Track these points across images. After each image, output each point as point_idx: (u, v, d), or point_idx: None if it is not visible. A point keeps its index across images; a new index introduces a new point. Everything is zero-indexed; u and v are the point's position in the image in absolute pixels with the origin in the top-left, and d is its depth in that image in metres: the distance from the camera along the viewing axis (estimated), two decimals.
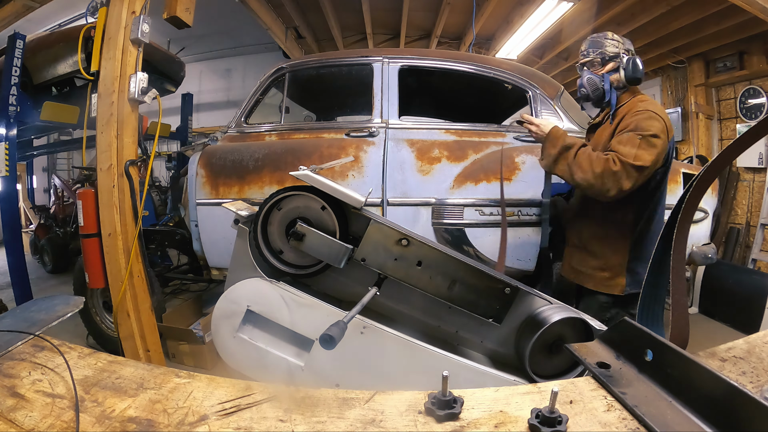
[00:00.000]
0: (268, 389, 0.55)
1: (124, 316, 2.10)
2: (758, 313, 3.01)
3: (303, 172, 1.00)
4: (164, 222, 3.44)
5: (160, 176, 6.34)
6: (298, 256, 1.08)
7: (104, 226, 2.09)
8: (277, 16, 5.09)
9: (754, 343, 0.58)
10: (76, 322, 2.69)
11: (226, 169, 2.39)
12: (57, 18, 5.35)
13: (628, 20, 4.15)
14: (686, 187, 0.70)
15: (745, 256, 4.40)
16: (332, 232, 1.04)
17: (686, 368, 0.49)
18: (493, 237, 2.20)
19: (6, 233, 3.09)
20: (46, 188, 7.86)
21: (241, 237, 1.04)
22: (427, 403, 0.50)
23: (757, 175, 4.41)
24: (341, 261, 1.01)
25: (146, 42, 2.10)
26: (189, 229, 2.58)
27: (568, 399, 0.51)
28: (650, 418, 0.45)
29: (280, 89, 2.64)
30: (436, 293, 1.04)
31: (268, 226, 1.08)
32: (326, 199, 1.05)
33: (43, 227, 5.59)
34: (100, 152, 2.08)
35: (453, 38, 5.76)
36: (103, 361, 0.61)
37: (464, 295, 1.04)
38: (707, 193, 2.46)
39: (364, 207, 1.00)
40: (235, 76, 7.97)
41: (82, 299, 0.81)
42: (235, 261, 1.06)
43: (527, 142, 2.35)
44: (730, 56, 4.48)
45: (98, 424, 0.47)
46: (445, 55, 2.60)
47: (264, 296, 1.00)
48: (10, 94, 2.94)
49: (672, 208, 0.70)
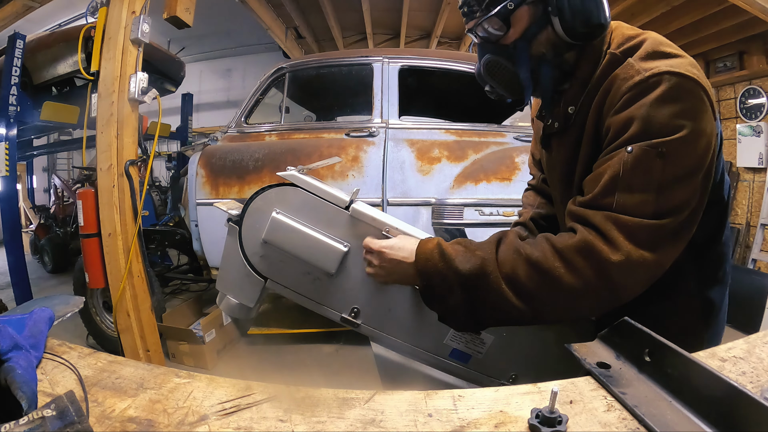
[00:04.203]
0: (268, 389, 0.55)
1: (123, 315, 2.10)
2: (758, 313, 3.01)
3: (289, 173, 1.00)
4: (164, 222, 3.45)
5: (160, 176, 6.34)
6: None
7: (104, 226, 2.09)
8: (277, 16, 5.10)
9: (754, 343, 0.58)
10: (76, 322, 2.69)
11: (226, 169, 2.39)
12: (57, 18, 5.35)
13: (628, 20, 4.11)
14: None
15: (745, 256, 4.40)
16: None
17: (686, 368, 0.49)
18: None
19: (6, 233, 3.09)
20: (46, 188, 7.86)
21: (232, 235, 1.04)
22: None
23: (757, 175, 4.41)
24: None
25: (146, 42, 2.10)
26: (189, 229, 2.58)
27: (568, 399, 0.51)
28: (650, 418, 0.45)
29: (280, 89, 2.64)
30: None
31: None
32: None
33: (43, 227, 5.59)
34: (100, 152, 2.08)
35: (453, 38, 5.76)
36: (102, 361, 0.61)
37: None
38: None
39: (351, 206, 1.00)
40: (235, 76, 7.97)
41: (82, 299, 0.81)
42: (226, 259, 1.06)
43: (527, 142, 2.35)
44: (730, 56, 4.48)
45: (98, 424, 0.47)
46: (445, 55, 2.60)
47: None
48: (10, 94, 2.94)
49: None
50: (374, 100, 2.43)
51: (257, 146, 2.44)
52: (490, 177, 2.21)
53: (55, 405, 0.46)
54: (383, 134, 2.37)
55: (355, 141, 2.37)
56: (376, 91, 2.43)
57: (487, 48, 0.81)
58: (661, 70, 0.65)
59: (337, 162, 2.24)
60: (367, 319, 1.04)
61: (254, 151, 2.39)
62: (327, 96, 3.39)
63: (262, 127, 2.56)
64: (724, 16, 3.70)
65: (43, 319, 0.64)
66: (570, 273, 0.68)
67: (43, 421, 0.43)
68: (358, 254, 1.01)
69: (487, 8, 0.75)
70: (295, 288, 1.05)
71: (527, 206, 1.15)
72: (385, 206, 2.30)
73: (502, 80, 0.81)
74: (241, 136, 2.54)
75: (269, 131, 2.54)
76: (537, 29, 0.76)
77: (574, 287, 0.68)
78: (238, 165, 2.37)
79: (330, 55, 2.78)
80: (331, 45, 5.90)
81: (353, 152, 2.34)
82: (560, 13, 0.72)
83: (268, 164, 2.34)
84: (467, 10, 0.79)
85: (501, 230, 0.83)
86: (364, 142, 2.36)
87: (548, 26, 0.75)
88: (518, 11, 0.74)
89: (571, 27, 0.73)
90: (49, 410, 0.45)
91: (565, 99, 0.81)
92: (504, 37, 0.77)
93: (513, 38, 0.77)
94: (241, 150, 2.42)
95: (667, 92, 0.65)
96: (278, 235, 0.99)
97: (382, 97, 2.42)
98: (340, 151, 2.35)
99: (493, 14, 0.74)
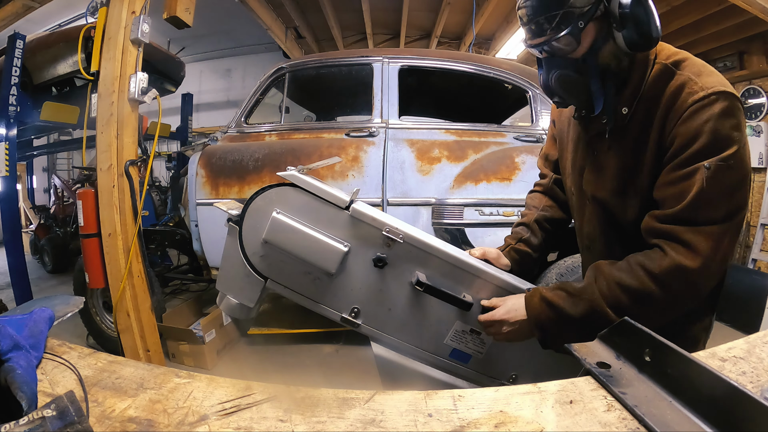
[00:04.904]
0: (268, 389, 0.55)
1: (123, 315, 2.10)
2: (758, 313, 3.00)
3: (289, 173, 1.00)
4: (164, 222, 3.45)
5: (160, 176, 6.34)
6: None
7: (104, 226, 2.09)
8: (277, 16, 5.10)
9: (754, 343, 0.58)
10: (76, 322, 2.69)
11: (226, 169, 2.39)
12: (57, 18, 5.35)
13: None
14: None
15: (745, 256, 4.40)
16: None
17: (686, 368, 0.49)
18: (493, 237, 2.20)
19: (6, 233, 3.09)
20: (46, 188, 7.86)
21: (232, 235, 1.04)
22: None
23: (757, 175, 4.41)
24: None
25: (146, 42, 2.10)
26: (189, 229, 2.58)
27: (568, 399, 0.51)
28: (650, 418, 0.45)
29: (280, 89, 2.64)
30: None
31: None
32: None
33: (43, 227, 5.59)
34: (100, 152, 2.08)
35: (453, 38, 5.76)
36: (102, 361, 0.61)
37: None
38: None
39: (351, 206, 1.00)
40: (235, 76, 7.97)
41: (82, 299, 0.81)
42: (226, 259, 1.06)
43: (527, 142, 2.35)
44: (730, 56, 4.49)
45: (98, 424, 0.47)
46: (445, 55, 2.60)
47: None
48: (10, 94, 2.94)
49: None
50: (374, 100, 2.43)
51: (257, 146, 2.43)
52: (490, 177, 2.21)
53: (55, 405, 0.46)
54: (383, 134, 2.37)
55: (355, 141, 2.37)
56: (376, 91, 2.43)
57: (556, 62, 0.86)
58: (719, 89, 0.76)
59: (337, 162, 2.24)
60: (367, 319, 1.04)
61: (254, 151, 2.39)
62: (327, 96, 3.39)
63: (262, 127, 2.56)
64: (724, 16, 3.70)
65: (43, 319, 0.64)
66: (665, 293, 0.79)
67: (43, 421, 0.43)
68: (358, 254, 1.01)
69: (558, 26, 0.81)
70: (296, 288, 1.05)
71: (532, 207, 1.19)
72: (385, 206, 2.30)
73: (573, 91, 0.88)
74: (241, 136, 2.54)
75: (269, 131, 2.54)
76: (602, 43, 0.83)
77: (668, 302, 0.80)
78: (238, 165, 2.37)
79: (330, 55, 2.78)
80: (331, 45, 5.90)
81: (353, 152, 2.34)
82: (623, 27, 0.80)
83: (268, 164, 2.34)
84: (535, 27, 0.84)
85: (594, 264, 0.89)
86: (364, 142, 2.36)
87: (611, 39, 0.83)
88: (587, 25, 0.81)
89: (632, 39, 0.80)
90: (49, 410, 0.45)
91: (619, 101, 0.87)
92: (574, 51, 0.84)
93: (581, 52, 0.84)
94: (241, 150, 2.42)
95: (727, 109, 0.75)
96: (278, 235, 0.99)
97: (382, 97, 2.42)
98: (340, 151, 2.35)
99: (567, 33, 0.80)
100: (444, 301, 0.99)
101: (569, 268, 2.23)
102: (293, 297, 1.06)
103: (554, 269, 2.26)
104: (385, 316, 1.04)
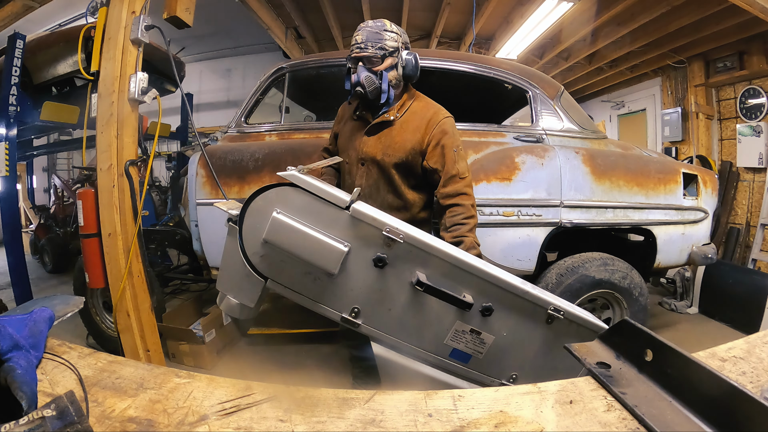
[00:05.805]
0: (268, 389, 0.55)
1: (123, 315, 2.10)
2: (758, 313, 3.01)
3: (289, 173, 1.00)
4: (164, 222, 3.45)
5: (160, 176, 6.34)
6: None
7: (104, 226, 2.09)
8: (277, 16, 5.09)
9: (754, 343, 0.58)
10: (76, 322, 2.69)
11: (226, 169, 2.38)
12: (57, 18, 5.34)
13: (628, 20, 4.15)
14: None
15: (745, 256, 4.40)
16: None
17: (686, 368, 0.49)
18: (493, 237, 2.20)
19: (6, 233, 3.09)
20: (46, 188, 7.86)
21: (232, 235, 1.04)
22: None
23: (757, 175, 4.41)
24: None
25: (146, 42, 2.10)
26: (189, 229, 2.58)
27: (568, 399, 0.51)
28: (650, 418, 0.45)
29: (280, 89, 2.64)
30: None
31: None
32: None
33: (43, 227, 5.59)
34: (100, 152, 2.08)
35: (453, 38, 5.76)
36: (102, 361, 0.61)
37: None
38: (707, 193, 2.47)
39: (351, 206, 1.00)
40: (235, 76, 7.96)
41: (82, 299, 0.81)
42: (226, 259, 1.06)
43: (527, 142, 2.35)
44: (730, 56, 4.49)
45: (98, 424, 0.47)
46: (445, 55, 2.60)
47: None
48: (10, 94, 2.94)
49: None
50: None
51: (257, 146, 2.43)
52: (490, 177, 2.21)
53: (55, 405, 0.45)
54: None
55: None
56: None
57: (367, 68, 1.55)
58: (445, 116, 1.61)
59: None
60: (368, 319, 1.04)
61: (254, 151, 2.39)
62: (327, 96, 3.38)
63: (262, 127, 2.56)
64: (724, 16, 3.70)
65: (43, 319, 0.64)
66: (470, 202, 1.53)
67: (43, 421, 0.43)
68: (359, 254, 1.01)
69: (375, 50, 1.53)
70: (296, 288, 1.05)
71: (325, 152, 1.96)
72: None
73: (371, 86, 1.54)
74: (241, 136, 2.53)
75: (269, 131, 2.54)
76: (390, 69, 1.56)
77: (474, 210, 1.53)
78: (238, 165, 2.37)
79: (330, 55, 2.77)
80: (331, 45, 5.90)
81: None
82: (404, 67, 1.58)
83: (268, 164, 2.34)
84: (364, 47, 1.55)
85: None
86: None
87: (395, 70, 1.57)
88: (388, 58, 1.55)
89: (406, 74, 1.59)
90: (49, 410, 0.45)
91: (392, 107, 1.63)
92: (378, 65, 1.54)
93: (381, 69, 1.54)
94: (241, 150, 2.41)
95: (451, 121, 1.61)
96: (279, 235, 0.99)
97: None
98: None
99: (378, 56, 1.53)
100: (444, 301, 0.99)
101: (569, 268, 2.23)
102: (293, 297, 1.06)
103: (554, 269, 2.26)
104: (386, 316, 1.04)
